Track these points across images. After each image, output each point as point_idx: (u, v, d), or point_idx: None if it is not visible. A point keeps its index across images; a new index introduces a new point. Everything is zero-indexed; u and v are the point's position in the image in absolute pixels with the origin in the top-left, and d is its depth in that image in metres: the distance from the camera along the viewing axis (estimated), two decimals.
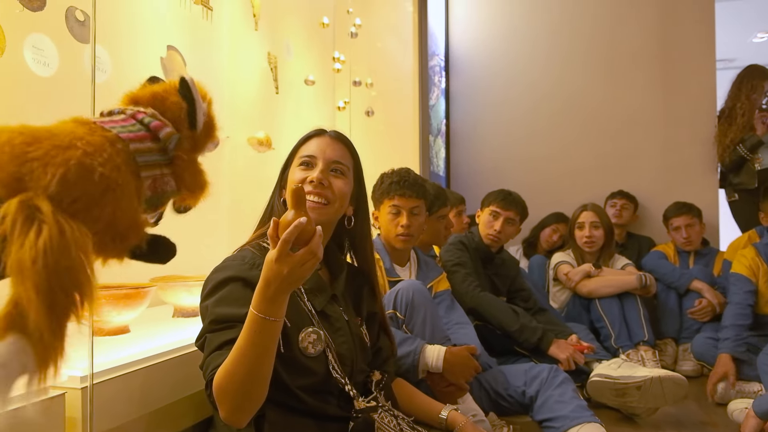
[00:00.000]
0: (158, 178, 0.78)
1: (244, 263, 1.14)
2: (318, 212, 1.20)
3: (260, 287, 0.94)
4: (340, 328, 1.22)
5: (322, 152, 1.25)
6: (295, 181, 1.23)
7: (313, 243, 0.92)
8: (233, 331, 1.02)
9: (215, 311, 1.08)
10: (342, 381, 1.17)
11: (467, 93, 4.20)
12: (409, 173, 2.09)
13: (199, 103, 0.85)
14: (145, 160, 0.76)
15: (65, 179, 0.64)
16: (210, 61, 2.31)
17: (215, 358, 1.03)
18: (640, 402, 2.14)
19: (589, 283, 2.91)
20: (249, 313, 0.95)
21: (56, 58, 1.60)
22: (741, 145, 3.49)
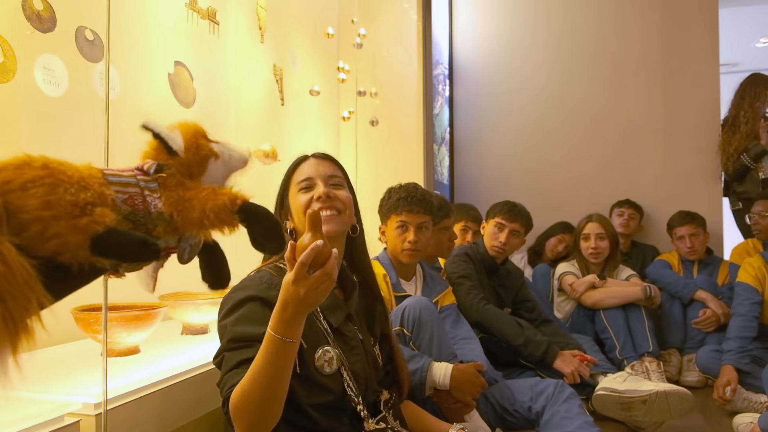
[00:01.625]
0: (136, 196, 0.82)
1: (262, 283, 1.16)
2: (335, 222, 1.25)
3: (278, 309, 0.96)
4: (354, 346, 1.25)
5: (316, 171, 1.30)
6: (300, 205, 1.26)
7: (329, 265, 0.94)
8: (251, 350, 1.04)
9: (234, 330, 1.10)
10: (356, 400, 1.19)
11: (471, 101, 4.21)
12: (417, 189, 2.10)
13: (164, 132, 0.89)
14: (118, 179, 0.82)
15: (4, 167, 0.70)
16: (217, 74, 2.33)
17: (232, 376, 1.05)
18: (646, 416, 2.14)
19: (593, 294, 2.91)
20: (266, 334, 0.97)
21: (66, 77, 1.61)
22: (745, 154, 3.49)
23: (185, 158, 0.90)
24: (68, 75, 1.61)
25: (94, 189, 0.74)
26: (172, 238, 0.91)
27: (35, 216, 0.67)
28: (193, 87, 2.15)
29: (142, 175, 0.87)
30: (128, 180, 0.82)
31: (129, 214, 0.78)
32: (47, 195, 0.68)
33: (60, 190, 0.69)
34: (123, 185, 0.80)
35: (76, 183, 0.71)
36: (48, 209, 0.68)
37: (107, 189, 0.76)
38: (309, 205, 1.25)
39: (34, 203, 0.67)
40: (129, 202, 0.79)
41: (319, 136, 3.18)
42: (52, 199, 0.68)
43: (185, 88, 2.11)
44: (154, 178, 0.86)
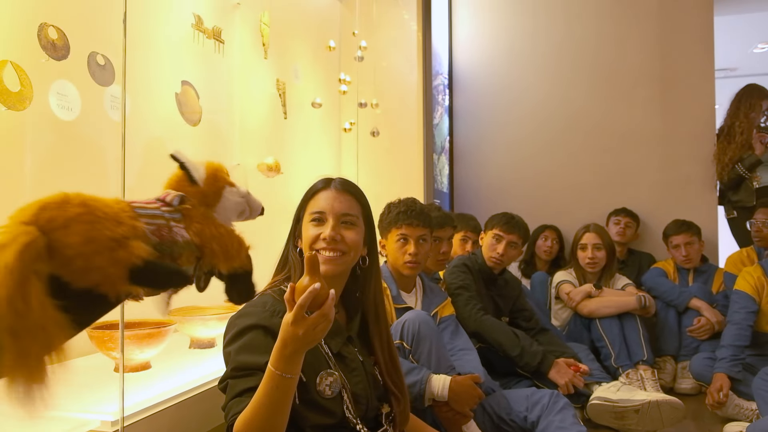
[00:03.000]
0: (163, 227, 0.88)
1: (265, 310, 1.21)
2: (334, 263, 1.27)
3: (278, 346, 1.02)
4: (355, 368, 1.29)
5: (331, 207, 1.31)
6: (308, 238, 1.30)
7: (326, 307, 1.00)
8: (253, 379, 1.10)
9: (237, 359, 1.15)
10: (354, 421, 1.24)
11: (471, 111, 4.27)
12: (416, 203, 2.17)
13: (189, 162, 0.97)
14: (146, 212, 0.88)
15: (45, 206, 0.76)
16: (222, 92, 2.39)
17: (235, 404, 1.11)
18: (639, 425, 2.21)
19: (589, 303, 2.98)
20: (267, 370, 1.03)
21: (78, 102, 1.67)
22: (740, 164, 3.55)
23: (203, 188, 0.96)
24: (81, 99, 1.68)
25: (128, 223, 0.80)
26: (191, 267, 0.98)
27: (78, 252, 0.73)
28: (199, 105, 2.22)
29: (165, 206, 0.93)
30: (154, 212, 0.88)
31: (157, 245, 0.85)
32: (88, 232, 0.74)
33: (99, 227, 0.75)
34: (150, 217, 0.86)
35: (111, 218, 0.78)
36: (89, 245, 0.74)
37: (138, 221, 0.83)
38: (315, 242, 1.28)
39: (77, 240, 0.73)
40: (157, 233, 0.85)
41: (321, 148, 3.25)
42: (93, 235, 0.74)
43: (192, 106, 2.18)
44: (178, 210, 0.92)
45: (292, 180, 2.82)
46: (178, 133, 2.11)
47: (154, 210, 0.88)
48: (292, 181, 2.82)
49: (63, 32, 1.60)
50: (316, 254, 1.04)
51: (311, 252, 1.04)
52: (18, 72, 1.47)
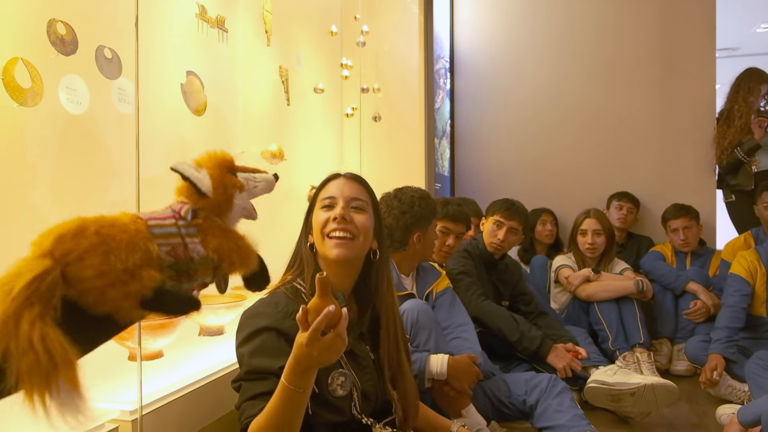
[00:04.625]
0: (178, 246, 0.88)
1: (278, 311, 1.24)
2: (345, 247, 1.29)
3: (291, 363, 1.05)
4: (366, 366, 1.32)
5: (341, 191, 1.34)
6: (318, 223, 1.32)
7: (340, 327, 1.02)
8: (266, 383, 1.15)
9: (251, 362, 1.19)
10: (359, 417, 1.29)
11: (472, 93, 4.28)
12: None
13: (193, 175, 0.95)
14: (162, 231, 0.88)
15: (61, 238, 0.77)
16: (226, 81, 2.41)
17: (249, 407, 1.15)
18: (634, 407, 2.28)
19: (588, 287, 3.03)
20: (280, 383, 1.06)
21: (87, 95, 1.70)
22: (738, 148, 3.58)
23: (214, 199, 0.96)
24: (89, 93, 1.70)
25: (141, 247, 0.82)
26: (209, 276, 1.01)
27: (91, 285, 0.76)
28: (204, 95, 2.24)
29: (181, 219, 0.92)
30: (170, 230, 0.88)
31: (173, 264, 0.86)
32: (101, 265, 0.76)
33: (112, 258, 0.77)
34: (165, 236, 0.87)
35: (125, 248, 0.79)
36: (102, 278, 0.76)
37: (152, 244, 0.84)
38: (326, 224, 1.30)
39: (91, 273, 0.75)
40: (172, 253, 0.87)
41: (324, 133, 3.27)
42: (105, 269, 0.76)
43: (197, 96, 2.20)
44: (193, 224, 0.92)
45: (296, 166, 2.86)
46: (183, 123, 2.14)
47: (170, 228, 0.89)
48: (296, 167, 2.86)
49: (71, 27, 1.62)
50: (327, 276, 1.04)
51: (322, 274, 1.04)
52: (29, 68, 1.50)
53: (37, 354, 0.69)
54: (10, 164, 1.45)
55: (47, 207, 1.52)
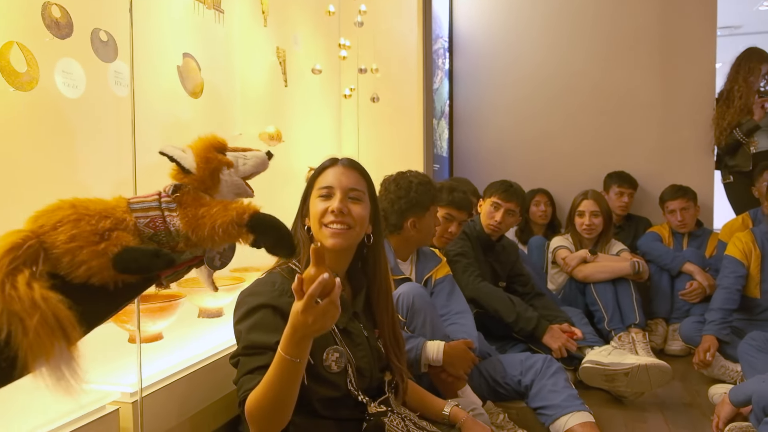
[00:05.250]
0: (157, 218, 0.92)
1: (274, 290, 1.27)
2: (342, 237, 1.33)
3: (287, 333, 1.08)
4: (360, 343, 1.36)
5: (338, 181, 1.36)
6: (316, 213, 1.35)
7: (334, 295, 1.05)
8: (263, 357, 1.17)
9: (248, 338, 1.22)
10: (356, 393, 1.32)
11: (471, 73, 4.26)
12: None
13: (175, 153, 0.98)
14: (140, 205, 0.92)
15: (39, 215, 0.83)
16: (223, 62, 2.40)
17: (247, 381, 1.18)
18: (628, 387, 2.31)
19: (584, 268, 3.05)
20: (277, 354, 1.09)
21: (83, 79, 1.70)
22: (737, 129, 3.57)
23: (198, 174, 0.97)
24: (85, 76, 1.70)
25: (115, 216, 0.86)
26: (198, 249, 1.02)
27: (64, 249, 0.80)
28: (201, 77, 2.23)
29: (164, 195, 0.96)
30: (150, 204, 0.92)
31: (152, 236, 0.90)
32: (72, 229, 0.80)
33: (82, 223, 0.82)
34: (144, 210, 0.91)
35: (97, 214, 0.84)
36: (73, 241, 0.80)
37: (129, 215, 0.88)
38: (324, 215, 1.34)
39: (63, 238, 0.80)
40: (151, 224, 0.90)
41: (321, 115, 3.26)
42: (76, 232, 0.81)
43: (193, 78, 2.19)
44: (173, 199, 0.95)
45: (294, 148, 2.86)
46: (180, 106, 2.13)
47: (150, 203, 0.92)
48: (294, 149, 2.86)
49: (66, 10, 1.61)
50: (322, 246, 1.07)
51: (317, 244, 1.07)
52: (24, 52, 1.49)
53: (43, 313, 0.72)
54: (7, 149, 1.45)
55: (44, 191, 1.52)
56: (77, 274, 0.82)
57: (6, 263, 0.75)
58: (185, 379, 1.36)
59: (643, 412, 2.34)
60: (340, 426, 1.32)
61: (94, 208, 0.86)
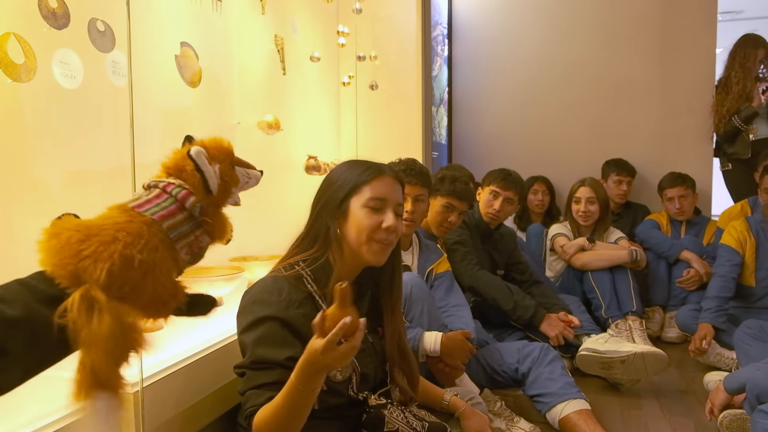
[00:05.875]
0: (192, 243, 0.90)
1: (281, 299, 1.24)
2: (385, 254, 1.31)
3: (302, 365, 1.07)
4: (364, 349, 1.34)
5: (391, 196, 1.31)
6: (365, 226, 1.28)
7: (356, 339, 1.04)
8: (272, 373, 1.18)
9: (256, 352, 1.21)
10: (355, 397, 1.33)
11: (470, 59, 4.24)
12: (415, 163, 2.21)
13: (208, 172, 0.94)
14: (178, 233, 0.88)
15: (111, 272, 0.77)
16: (221, 51, 2.39)
17: (255, 396, 1.18)
18: (624, 374, 2.34)
19: (582, 256, 3.07)
20: (290, 382, 1.09)
21: (81, 69, 1.69)
22: (736, 116, 3.56)
23: (216, 197, 0.96)
24: (83, 66, 1.69)
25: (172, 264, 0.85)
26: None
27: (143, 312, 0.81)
28: (199, 66, 2.22)
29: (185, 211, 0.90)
30: (183, 230, 0.88)
31: (190, 260, 0.90)
32: (152, 293, 0.81)
33: (158, 285, 0.81)
34: (182, 237, 0.88)
35: (163, 270, 0.82)
36: (152, 304, 0.82)
37: (176, 252, 0.86)
38: (375, 230, 1.28)
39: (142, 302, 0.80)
40: (188, 251, 0.89)
41: (320, 103, 3.25)
42: (155, 296, 0.81)
43: (191, 68, 2.18)
44: (200, 220, 0.92)
45: (292, 136, 2.86)
46: (179, 95, 2.13)
47: (183, 227, 0.88)
48: (292, 137, 2.86)
49: (63, 1, 1.61)
50: (348, 286, 1.05)
51: (342, 284, 1.05)
52: (21, 43, 1.49)
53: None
54: (6, 141, 1.45)
55: (45, 182, 1.53)
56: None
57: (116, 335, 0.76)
58: (184, 369, 1.37)
59: (638, 399, 2.36)
60: (341, 422, 1.34)
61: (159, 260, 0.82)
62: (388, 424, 1.32)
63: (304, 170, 2.79)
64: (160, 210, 0.89)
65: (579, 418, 1.89)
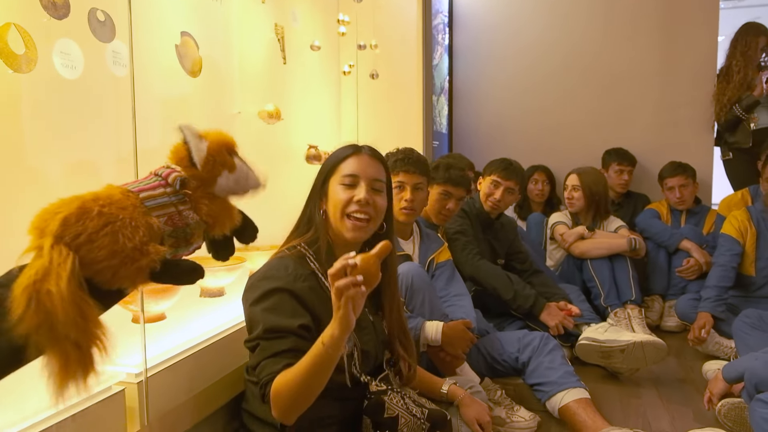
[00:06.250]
0: (174, 215, 0.90)
1: (288, 274, 1.29)
2: (362, 231, 1.36)
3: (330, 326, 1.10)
4: (365, 327, 1.39)
5: (364, 171, 1.38)
6: (339, 201, 1.36)
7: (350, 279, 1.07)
8: (285, 341, 1.20)
9: (268, 321, 1.23)
10: (357, 376, 1.35)
11: (471, 47, 4.22)
12: (413, 152, 2.21)
13: (194, 143, 0.95)
14: (156, 202, 0.89)
15: (66, 219, 0.79)
16: (221, 40, 2.38)
17: (271, 364, 1.20)
18: (623, 363, 2.35)
19: (581, 244, 3.08)
20: (315, 346, 1.12)
21: (81, 59, 1.69)
22: (737, 105, 3.56)
23: (201, 172, 0.96)
24: (83, 57, 1.69)
25: (143, 223, 0.84)
26: (201, 239, 1.04)
27: (105, 265, 0.78)
28: (199, 55, 2.22)
29: (168, 187, 0.92)
30: (162, 201, 0.90)
31: (171, 233, 0.89)
32: (112, 245, 0.79)
33: (120, 237, 0.80)
34: (160, 207, 0.89)
35: (128, 225, 0.82)
36: (114, 258, 0.79)
37: (150, 217, 0.86)
38: (347, 205, 1.35)
39: (103, 254, 0.78)
40: (169, 222, 0.89)
41: (320, 92, 3.25)
42: (117, 248, 0.79)
43: (192, 57, 2.18)
44: (181, 193, 0.95)
45: (293, 126, 2.85)
46: (179, 86, 2.12)
47: (161, 198, 0.90)
48: (293, 127, 2.85)
49: None
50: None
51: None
52: (22, 34, 1.49)
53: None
54: (8, 132, 1.45)
55: (46, 173, 1.53)
56: (114, 284, 0.82)
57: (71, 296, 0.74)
58: (189, 359, 1.39)
59: (638, 387, 2.38)
60: (343, 405, 1.36)
61: (123, 216, 0.83)
62: (387, 410, 1.33)
63: (304, 160, 2.79)
64: (142, 185, 0.91)
65: (578, 406, 1.90)
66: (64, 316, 0.72)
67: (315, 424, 1.30)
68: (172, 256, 0.91)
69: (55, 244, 0.76)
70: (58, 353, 0.73)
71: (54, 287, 0.72)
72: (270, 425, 1.33)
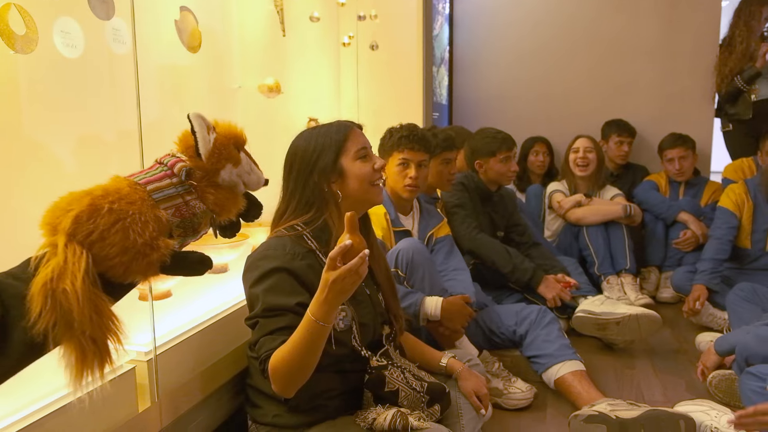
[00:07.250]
0: (181, 206, 0.92)
1: (286, 253, 1.33)
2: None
3: (316, 295, 1.15)
4: (362, 301, 1.44)
5: (367, 143, 1.49)
6: (364, 174, 1.43)
7: (353, 263, 1.11)
8: (283, 318, 1.25)
9: (266, 300, 1.28)
10: (359, 349, 1.39)
11: (472, 16, 4.18)
12: (417, 128, 2.22)
13: (201, 134, 0.96)
14: (163, 194, 0.91)
15: (77, 218, 0.80)
16: (220, 14, 2.37)
17: (268, 341, 1.24)
18: (619, 335, 2.41)
19: (577, 211, 3.12)
20: (305, 317, 1.17)
21: (82, 38, 1.69)
22: (739, 76, 3.54)
23: (204, 164, 0.97)
24: (84, 35, 1.68)
25: (152, 218, 0.86)
26: (208, 226, 1.06)
27: (117, 262, 0.81)
28: (199, 30, 2.20)
29: (174, 177, 0.94)
30: (169, 193, 0.91)
31: (179, 224, 0.91)
32: (123, 242, 0.81)
33: (131, 233, 0.82)
34: (168, 199, 0.90)
35: (138, 220, 0.83)
36: (126, 254, 0.81)
37: (159, 210, 0.88)
38: (373, 175, 1.44)
39: (115, 251, 0.80)
40: (177, 214, 0.91)
41: (320, 64, 3.23)
42: (128, 244, 0.81)
43: (191, 32, 2.16)
44: (187, 183, 0.95)
45: (293, 99, 2.85)
46: (180, 61, 2.12)
47: (168, 190, 0.91)
48: (293, 100, 2.85)
49: None
50: (353, 214, 1.16)
51: (349, 214, 1.16)
52: (22, 13, 1.48)
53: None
54: (10, 113, 1.46)
55: (49, 153, 1.55)
56: (126, 278, 0.84)
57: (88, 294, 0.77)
58: (195, 336, 1.43)
59: (632, 358, 2.44)
60: (344, 378, 1.41)
61: (132, 211, 0.84)
62: (388, 384, 1.38)
63: None
64: (148, 176, 0.92)
65: (574, 378, 1.96)
66: (79, 313, 0.75)
67: (318, 396, 1.36)
68: (180, 245, 0.94)
69: (69, 243, 0.78)
70: (74, 347, 0.76)
71: (69, 286, 0.75)
72: (274, 399, 1.38)
